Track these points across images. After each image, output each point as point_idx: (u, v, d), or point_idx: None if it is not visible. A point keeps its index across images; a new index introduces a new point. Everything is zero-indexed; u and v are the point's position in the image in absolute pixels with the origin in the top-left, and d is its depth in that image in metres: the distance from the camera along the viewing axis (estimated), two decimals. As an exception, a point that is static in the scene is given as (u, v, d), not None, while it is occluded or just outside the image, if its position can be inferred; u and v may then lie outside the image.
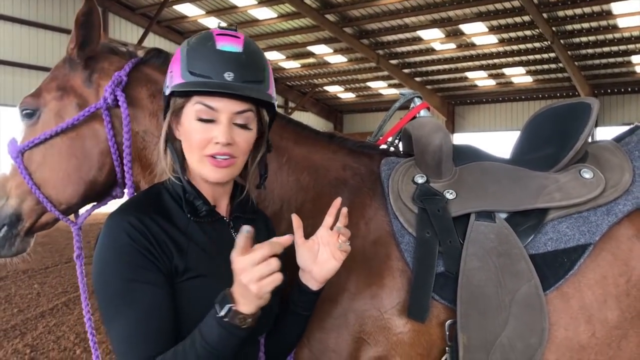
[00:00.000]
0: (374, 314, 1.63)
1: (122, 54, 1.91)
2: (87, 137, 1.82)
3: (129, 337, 1.26)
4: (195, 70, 1.35)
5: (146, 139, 1.81)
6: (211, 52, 1.36)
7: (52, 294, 7.27)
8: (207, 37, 1.40)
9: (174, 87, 1.37)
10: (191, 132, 1.36)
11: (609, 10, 16.95)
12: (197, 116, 1.35)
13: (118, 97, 1.77)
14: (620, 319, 1.58)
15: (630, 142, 1.85)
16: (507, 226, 1.66)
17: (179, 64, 1.38)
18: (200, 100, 1.35)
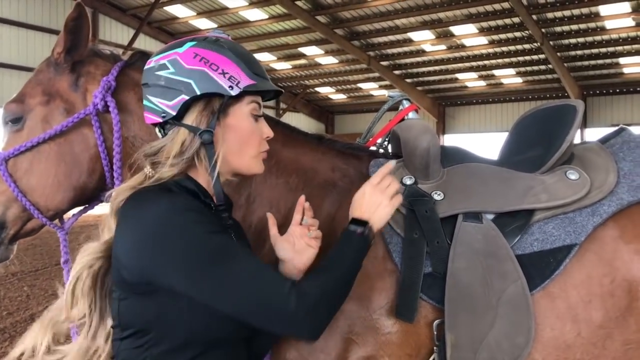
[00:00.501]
0: (362, 315, 1.64)
1: (106, 57, 1.89)
2: (76, 142, 1.81)
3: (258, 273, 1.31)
4: (258, 73, 1.50)
5: (135, 144, 1.81)
6: (253, 57, 1.52)
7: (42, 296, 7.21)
8: (234, 43, 1.53)
9: (247, 87, 1.45)
10: (250, 130, 1.48)
11: (597, 12, 17.09)
12: (252, 113, 1.49)
13: (108, 103, 1.77)
14: (604, 319, 1.60)
15: (615, 144, 1.87)
16: (494, 227, 1.67)
17: (235, 67, 1.45)
18: (253, 99, 1.49)
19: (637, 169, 1.75)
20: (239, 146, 1.47)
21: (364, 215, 1.48)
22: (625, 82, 22.84)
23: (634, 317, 1.60)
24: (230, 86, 1.43)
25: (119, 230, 1.37)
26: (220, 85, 1.42)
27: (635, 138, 1.85)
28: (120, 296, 1.37)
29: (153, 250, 1.29)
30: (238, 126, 1.46)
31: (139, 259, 1.30)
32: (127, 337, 1.37)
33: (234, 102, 1.46)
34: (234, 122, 1.46)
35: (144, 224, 1.31)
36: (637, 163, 1.76)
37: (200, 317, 1.34)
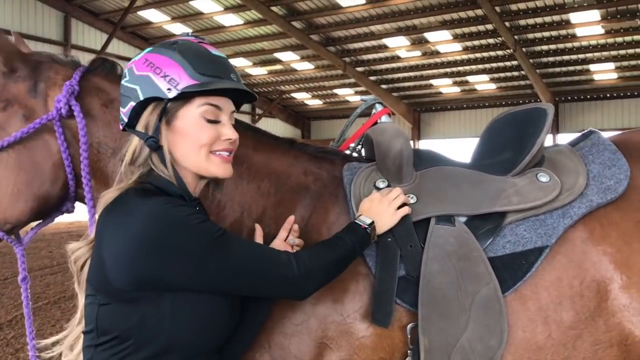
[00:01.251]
0: (336, 319, 1.63)
1: (65, 63, 1.84)
2: (37, 149, 1.74)
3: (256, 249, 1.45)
4: (206, 72, 1.42)
5: (100, 150, 1.77)
6: (210, 57, 1.46)
7: (11, 305, 7.05)
8: (194, 44, 1.47)
9: (186, 88, 1.40)
10: (199, 132, 1.42)
11: (568, 20, 17.44)
12: (205, 116, 1.43)
13: (73, 107, 1.71)
14: (574, 320, 1.62)
15: (584, 147, 1.89)
16: (467, 230, 1.68)
17: (178, 67, 1.40)
18: (206, 100, 1.43)
19: (606, 172, 1.77)
20: (189, 149, 1.43)
21: (370, 217, 1.61)
22: (596, 88, 23.33)
23: (602, 317, 1.62)
24: (168, 89, 1.40)
25: (106, 235, 1.34)
26: (160, 89, 1.40)
27: (603, 141, 1.88)
28: (101, 301, 1.35)
29: (150, 254, 1.28)
30: (185, 129, 1.43)
31: (132, 265, 1.29)
32: (103, 343, 1.34)
33: (181, 105, 1.42)
34: (181, 124, 1.43)
35: (135, 230, 1.29)
36: (605, 166, 1.79)
37: (182, 326, 1.34)
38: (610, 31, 17.87)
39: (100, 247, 1.34)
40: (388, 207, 1.64)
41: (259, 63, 23.70)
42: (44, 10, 19.11)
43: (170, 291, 1.32)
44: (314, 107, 29.59)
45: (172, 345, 1.33)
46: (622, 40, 18.65)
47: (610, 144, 1.86)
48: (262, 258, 1.39)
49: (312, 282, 1.46)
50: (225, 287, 1.36)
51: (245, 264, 1.36)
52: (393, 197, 1.66)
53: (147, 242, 1.28)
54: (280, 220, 1.73)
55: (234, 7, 18.43)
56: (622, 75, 21.69)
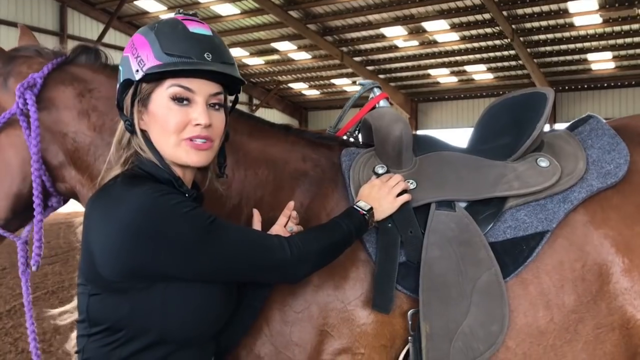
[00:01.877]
0: (337, 306, 1.63)
1: (45, 56, 1.81)
2: (6, 146, 1.71)
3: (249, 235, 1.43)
4: (173, 52, 1.33)
5: (77, 139, 1.74)
6: (185, 35, 1.36)
7: (10, 295, 7.05)
8: (174, 21, 1.39)
9: (149, 69, 1.32)
10: (166, 116, 1.34)
11: (566, 9, 17.37)
12: (171, 97, 1.34)
13: (27, 99, 1.66)
14: (576, 304, 1.61)
15: (583, 132, 1.88)
16: (467, 215, 1.67)
17: (148, 48, 1.34)
18: (176, 82, 1.34)
19: (605, 156, 1.77)
20: (159, 134, 1.37)
21: (369, 203, 1.60)
22: (593, 78, 23.30)
23: (604, 301, 1.62)
24: (137, 70, 1.35)
25: (93, 226, 1.31)
26: (131, 71, 1.36)
27: (602, 125, 1.87)
28: (91, 291, 1.33)
29: (139, 244, 1.25)
30: (156, 112, 1.36)
31: (120, 256, 1.26)
32: (95, 333, 1.33)
33: (154, 87, 1.36)
34: (153, 108, 1.37)
35: (122, 219, 1.26)
36: (604, 150, 1.78)
37: (174, 317, 1.32)
38: (608, 20, 17.82)
39: (88, 238, 1.32)
40: (388, 194, 1.62)
41: (256, 53, 23.58)
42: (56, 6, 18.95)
43: (161, 281, 1.29)
44: (311, 97, 29.51)
45: (165, 336, 1.32)
46: (620, 30, 18.60)
47: (609, 129, 1.85)
48: (253, 243, 1.37)
49: (305, 266, 1.45)
50: (216, 275, 1.34)
51: (236, 251, 1.34)
52: (393, 183, 1.65)
53: (134, 232, 1.25)
54: (278, 206, 1.72)
55: (230, -3, 18.32)
56: (620, 65, 21.66)
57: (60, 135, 1.73)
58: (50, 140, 1.73)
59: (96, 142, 1.73)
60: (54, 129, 1.73)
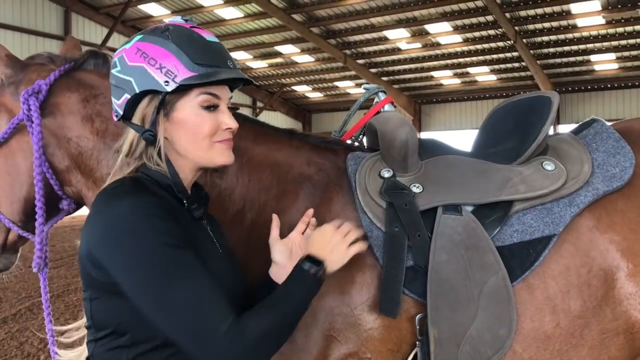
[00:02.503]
0: (343, 311, 1.63)
1: (58, 62, 1.85)
2: (17, 152, 1.77)
3: (202, 300, 1.24)
4: (204, 62, 1.37)
5: (81, 144, 1.77)
6: (205, 44, 1.40)
7: (16, 299, 7.07)
8: (186, 30, 1.40)
9: (184, 80, 1.34)
10: (199, 123, 1.38)
11: (568, 10, 17.35)
12: (203, 105, 1.39)
13: (30, 105, 1.70)
14: (582, 309, 1.61)
15: (587, 135, 1.88)
16: (474, 219, 1.67)
17: (173, 58, 1.35)
18: (205, 90, 1.39)
19: (610, 159, 1.76)
20: (190, 141, 1.39)
21: (321, 254, 1.44)
22: (597, 79, 23.25)
23: (609, 306, 1.62)
24: (166, 81, 1.34)
25: (87, 223, 1.33)
26: (157, 81, 1.35)
27: (607, 129, 1.87)
28: (92, 296, 1.33)
29: (108, 246, 1.26)
30: (185, 120, 1.38)
31: (95, 253, 1.27)
32: (102, 337, 1.33)
33: (180, 96, 1.37)
34: (181, 116, 1.38)
35: (107, 219, 1.27)
36: (609, 153, 1.78)
37: None
38: (611, 21, 17.79)
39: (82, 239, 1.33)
40: (340, 243, 1.50)
41: (260, 56, 23.63)
42: (44, 4, 19.06)
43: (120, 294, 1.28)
44: (314, 99, 29.53)
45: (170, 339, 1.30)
46: (622, 31, 18.57)
47: (614, 132, 1.85)
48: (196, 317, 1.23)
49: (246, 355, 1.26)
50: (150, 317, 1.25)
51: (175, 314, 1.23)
52: (346, 230, 1.53)
53: (109, 236, 1.26)
54: (282, 211, 1.72)
55: (234, 0, 18.35)
56: (623, 66, 21.61)
57: (65, 140, 1.77)
58: (56, 145, 1.77)
59: (99, 147, 1.76)
60: (59, 134, 1.78)
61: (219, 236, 1.54)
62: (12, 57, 1.84)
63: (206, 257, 1.36)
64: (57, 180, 1.78)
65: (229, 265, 1.48)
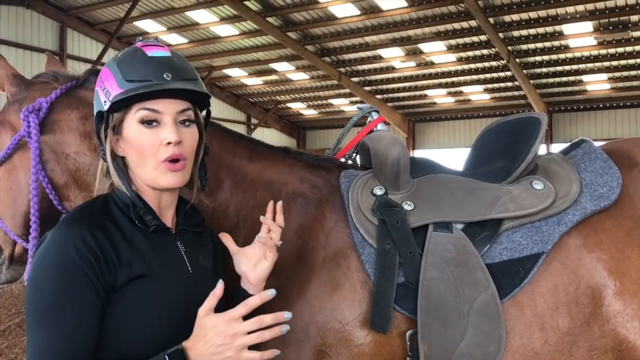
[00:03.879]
0: (335, 326, 1.64)
1: (62, 81, 1.91)
2: (19, 168, 1.82)
3: (51, 351, 1.24)
4: (134, 78, 1.37)
5: (79, 160, 1.82)
6: (144, 60, 1.40)
7: (5, 315, 6.99)
8: (133, 49, 1.44)
9: (114, 97, 1.36)
10: (140, 140, 1.37)
11: (561, 31, 17.57)
12: (140, 121, 1.37)
13: (30, 122, 1.76)
14: (570, 326, 1.63)
15: (576, 155, 1.92)
16: (464, 236, 1.70)
17: (112, 78, 1.39)
18: (142, 105, 1.37)
19: (598, 179, 1.80)
20: (137, 158, 1.40)
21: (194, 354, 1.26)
22: (589, 99, 23.45)
23: (597, 323, 1.64)
24: (104, 101, 1.39)
25: None
26: (100, 102, 1.41)
27: (595, 149, 1.91)
28: None
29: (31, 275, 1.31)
30: (129, 138, 1.40)
31: None
32: None
33: (124, 114, 1.40)
34: (126, 133, 1.40)
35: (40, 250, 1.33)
36: (597, 174, 1.82)
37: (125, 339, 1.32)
38: (603, 42, 18.01)
39: None
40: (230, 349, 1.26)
41: (255, 73, 23.73)
42: (39, 20, 19.12)
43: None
44: (309, 117, 29.63)
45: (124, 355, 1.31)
46: (614, 52, 18.80)
47: (602, 152, 1.89)
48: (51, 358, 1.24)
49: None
50: None
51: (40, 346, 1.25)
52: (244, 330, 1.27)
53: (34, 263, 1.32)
54: None
55: (229, 18, 18.48)
56: (615, 86, 21.85)
57: (64, 156, 1.81)
58: (55, 161, 1.81)
59: (96, 163, 1.78)
60: (58, 151, 1.82)
61: (198, 256, 1.52)
62: (18, 76, 1.90)
63: (162, 279, 1.37)
64: (57, 195, 1.82)
65: (196, 287, 1.43)
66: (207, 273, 1.52)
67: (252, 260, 1.51)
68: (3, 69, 1.89)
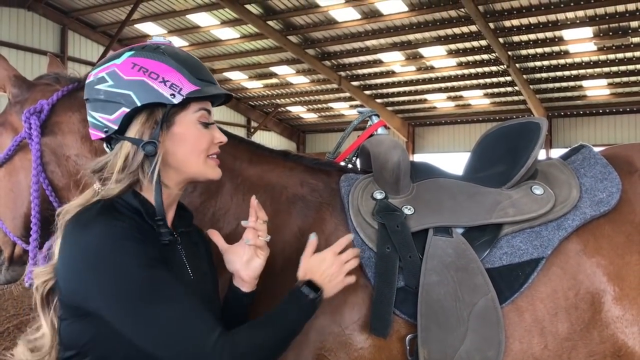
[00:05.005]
0: (334, 330, 1.64)
1: (63, 82, 1.90)
2: (20, 169, 1.82)
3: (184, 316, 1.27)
4: (202, 77, 1.45)
5: (79, 162, 1.82)
6: (197, 62, 1.48)
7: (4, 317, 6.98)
8: (175, 49, 1.47)
9: (191, 93, 1.40)
10: (199, 137, 1.45)
11: (561, 37, 17.61)
12: (201, 121, 1.45)
13: (31, 124, 1.76)
14: (570, 331, 1.63)
15: (576, 160, 1.92)
16: (464, 241, 1.70)
17: (176, 73, 1.41)
18: (202, 105, 1.46)
19: (598, 185, 1.80)
20: (189, 154, 1.44)
21: (319, 282, 1.49)
22: (589, 104, 23.48)
23: (597, 329, 1.64)
24: (172, 94, 1.38)
25: (59, 250, 1.34)
26: (162, 94, 1.38)
27: (594, 155, 1.91)
28: (62, 316, 1.35)
29: (84, 274, 1.27)
30: (186, 134, 1.43)
31: (71, 282, 1.29)
32: (67, 358, 1.34)
33: (179, 110, 1.42)
34: (181, 130, 1.42)
35: (79, 247, 1.29)
36: (597, 179, 1.82)
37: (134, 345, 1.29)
38: (603, 48, 18.05)
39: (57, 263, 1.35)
40: (339, 273, 1.53)
41: (255, 77, 23.75)
42: (41, 22, 19.15)
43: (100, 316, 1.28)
44: (309, 120, 29.65)
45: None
46: (614, 57, 18.83)
47: (602, 158, 1.89)
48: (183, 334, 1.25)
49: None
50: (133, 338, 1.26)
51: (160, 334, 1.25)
52: (345, 259, 1.56)
53: (84, 262, 1.27)
54: (275, 230, 1.74)
55: (230, 21, 18.51)
56: (615, 92, 21.86)
57: (65, 158, 1.82)
58: (56, 163, 1.82)
59: None
60: (59, 153, 1.82)
61: (195, 259, 1.53)
62: (20, 77, 1.90)
63: None
64: (57, 197, 1.82)
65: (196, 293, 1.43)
66: (204, 276, 1.53)
67: (242, 258, 1.54)
68: (5, 70, 1.89)
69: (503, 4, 15.98)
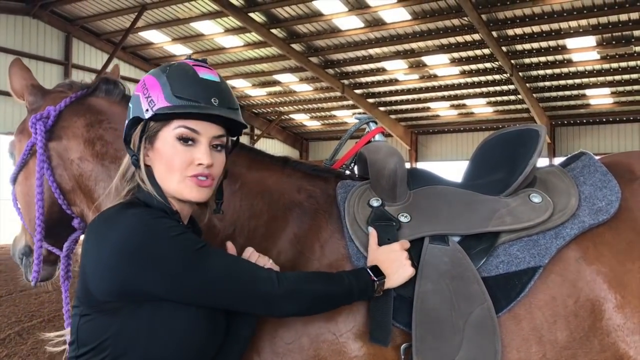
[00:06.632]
0: (328, 338, 1.63)
1: (75, 89, 1.98)
2: (32, 173, 1.88)
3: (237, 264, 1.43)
4: (183, 95, 1.41)
5: (82, 165, 1.86)
6: (195, 80, 1.44)
7: (5, 323, 6.98)
8: (185, 66, 1.47)
9: (159, 109, 1.40)
10: (172, 155, 1.42)
11: (564, 45, 17.63)
12: (177, 138, 1.41)
13: (37, 129, 1.83)
14: (569, 339, 1.61)
15: (575, 168, 1.91)
16: (461, 249, 1.68)
17: (159, 89, 1.41)
18: (183, 123, 1.42)
19: (597, 193, 1.78)
20: (164, 170, 1.44)
21: (386, 271, 1.57)
22: (592, 113, 23.48)
23: (597, 337, 1.62)
24: (146, 109, 1.42)
25: (89, 246, 1.37)
26: (141, 109, 1.43)
27: (594, 162, 1.89)
28: (83, 312, 1.38)
29: (129, 263, 1.30)
30: (162, 150, 1.43)
31: (111, 275, 1.31)
32: (82, 354, 1.36)
33: (162, 126, 1.43)
34: (160, 146, 1.44)
35: (115, 240, 1.32)
36: (596, 187, 1.80)
37: (158, 341, 1.34)
38: (606, 57, 18.06)
39: (83, 260, 1.38)
40: (405, 265, 1.60)
41: (259, 84, 23.84)
42: (45, 29, 19.28)
43: (148, 301, 1.33)
44: (312, 128, 29.71)
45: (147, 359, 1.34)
46: (617, 66, 18.84)
47: (601, 166, 1.87)
48: (240, 273, 1.39)
49: (292, 305, 1.44)
50: (201, 299, 1.36)
51: (222, 278, 1.36)
52: (408, 255, 1.63)
53: (126, 251, 1.30)
54: (271, 237, 1.74)
55: (234, 29, 18.60)
56: (618, 100, 21.86)
57: (69, 161, 1.87)
58: (63, 167, 1.88)
59: (97, 169, 1.85)
60: (64, 156, 1.88)
61: None
62: (37, 86, 1.98)
63: None
64: (65, 200, 1.88)
65: None
66: None
67: None
68: (24, 80, 1.98)
69: (506, 13, 16.02)
